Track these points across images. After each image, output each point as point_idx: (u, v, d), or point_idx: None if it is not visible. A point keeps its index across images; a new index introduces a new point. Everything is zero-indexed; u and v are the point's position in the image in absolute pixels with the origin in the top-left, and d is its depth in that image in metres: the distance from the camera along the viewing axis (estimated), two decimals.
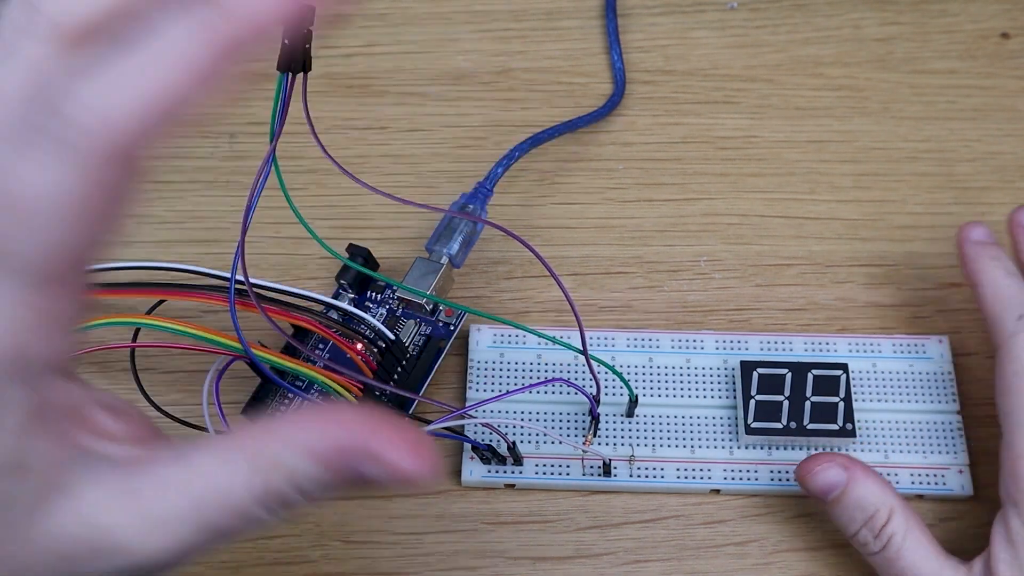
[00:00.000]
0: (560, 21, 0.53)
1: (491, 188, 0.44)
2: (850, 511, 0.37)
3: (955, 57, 0.52)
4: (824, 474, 0.38)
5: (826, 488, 0.37)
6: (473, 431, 0.40)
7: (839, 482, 0.37)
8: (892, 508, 0.37)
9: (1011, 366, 0.37)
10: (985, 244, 0.41)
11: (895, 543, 0.36)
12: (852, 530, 0.37)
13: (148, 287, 0.39)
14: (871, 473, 0.38)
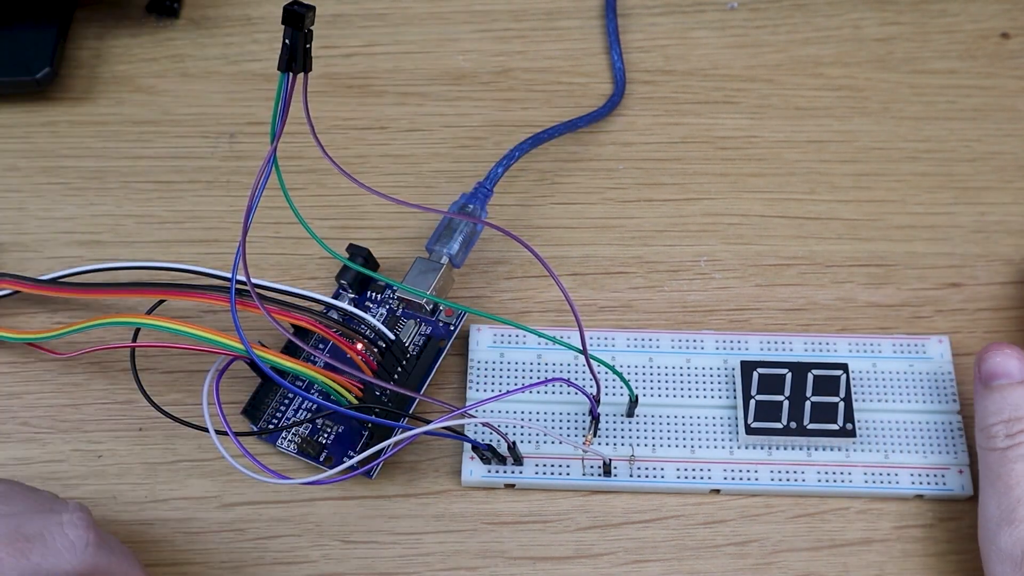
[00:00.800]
0: (560, 21, 0.53)
1: (491, 188, 0.44)
2: (999, 403, 0.37)
3: (955, 57, 0.52)
4: (1009, 361, 0.38)
5: (996, 373, 0.38)
6: (473, 431, 0.40)
7: (1013, 375, 0.38)
8: None
9: None
10: None
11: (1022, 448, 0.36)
12: (990, 419, 0.37)
13: (148, 287, 0.39)
14: None
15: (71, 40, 0.51)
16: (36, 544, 0.31)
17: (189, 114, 0.49)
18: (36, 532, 0.31)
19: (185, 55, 0.51)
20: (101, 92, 0.50)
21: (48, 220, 0.46)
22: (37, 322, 0.43)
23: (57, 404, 0.42)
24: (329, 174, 0.47)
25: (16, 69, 0.48)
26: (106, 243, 0.45)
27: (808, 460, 0.40)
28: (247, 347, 0.35)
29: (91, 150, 0.48)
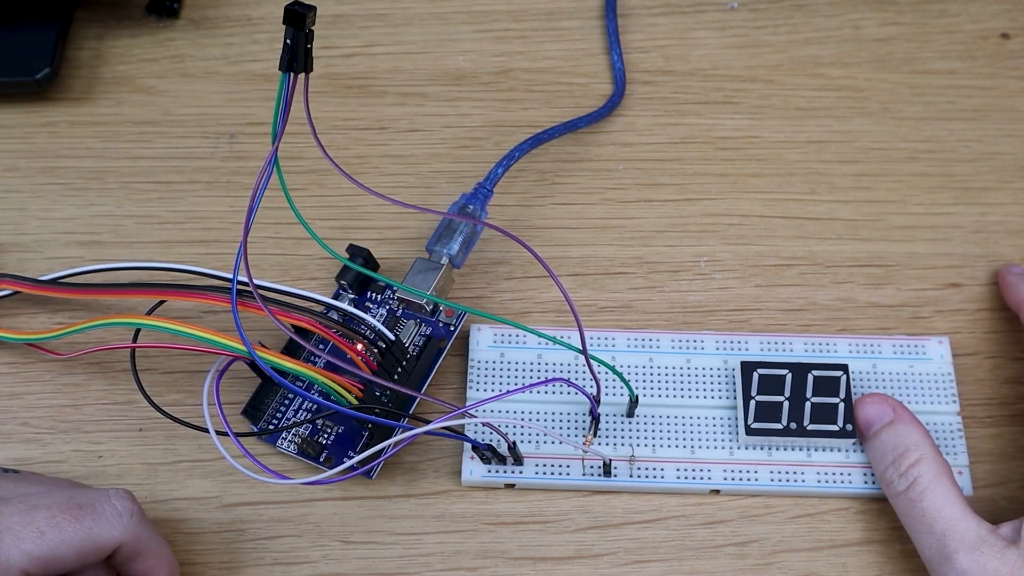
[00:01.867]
0: (560, 21, 0.53)
1: (491, 188, 0.44)
2: (884, 447, 0.38)
3: (955, 57, 0.52)
4: (875, 406, 0.39)
5: (872, 419, 0.39)
6: (473, 431, 0.40)
7: (885, 417, 0.39)
8: (925, 454, 0.37)
9: None
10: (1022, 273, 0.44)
11: (920, 484, 0.37)
12: (881, 467, 0.38)
13: (148, 287, 0.39)
14: (916, 422, 0.39)
15: (71, 40, 0.51)
16: (88, 511, 0.34)
17: (189, 114, 0.49)
18: (88, 502, 0.34)
19: (185, 55, 0.51)
20: (101, 92, 0.50)
21: (48, 220, 0.46)
22: (37, 322, 0.43)
23: (57, 404, 0.42)
24: (329, 174, 0.47)
25: (16, 69, 0.48)
26: (106, 243, 0.45)
27: (808, 461, 0.40)
28: (248, 347, 0.35)
29: (91, 150, 0.48)
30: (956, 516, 0.36)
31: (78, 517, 0.34)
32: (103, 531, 0.34)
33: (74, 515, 0.34)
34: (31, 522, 0.33)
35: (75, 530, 0.33)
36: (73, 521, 0.33)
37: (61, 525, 0.33)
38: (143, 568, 0.36)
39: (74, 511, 0.34)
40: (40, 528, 0.33)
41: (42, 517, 0.33)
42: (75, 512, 0.34)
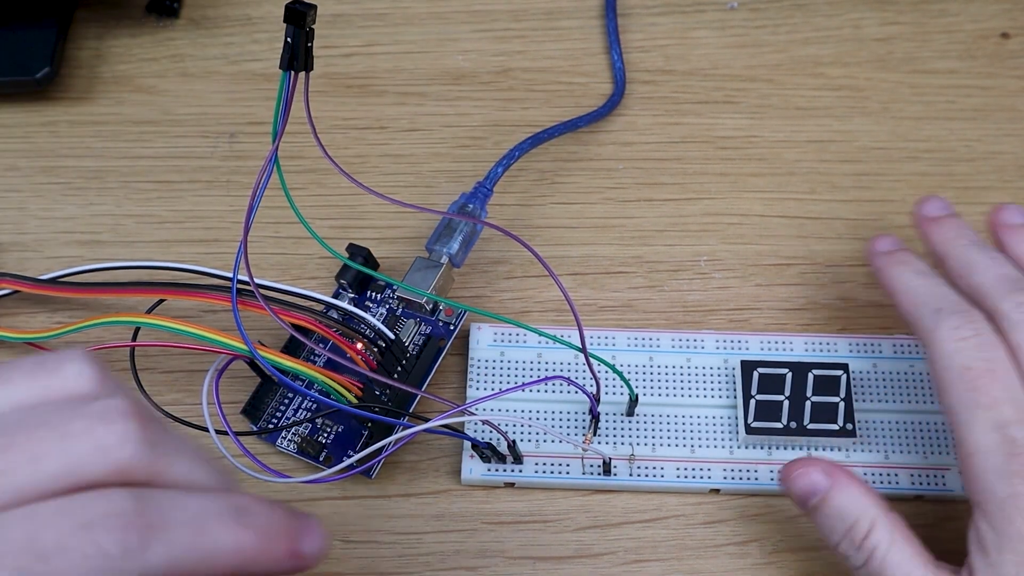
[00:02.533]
0: (560, 21, 0.53)
1: (491, 188, 0.44)
2: (831, 520, 0.36)
3: (955, 57, 0.52)
4: (805, 478, 0.36)
5: (807, 493, 0.36)
6: (473, 429, 0.40)
7: (820, 487, 0.36)
8: (874, 519, 0.35)
9: (939, 362, 0.36)
10: (891, 252, 0.40)
11: (878, 556, 0.34)
12: (834, 540, 0.36)
13: (148, 286, 0.39)
14: (855, 480, 0.36)
15: (71, 40, 0.51)
16: None
17: (189, 114, 0.49)
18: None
19: (185, 55, 0.51)
20: (101, 92, 0.50)
21: (48, 220, 0.46)
22: (37, 322, 0.43)
23: None
24: (329, 174, 0.47)
25: (16, 69, 0.48)
26: (106, 243, 0.45)
27: None
28: (249, 346, 0.36)
29: (91, 150, 0.48)
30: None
31: None
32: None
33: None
34: None
35: None
36: None
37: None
38: None
39: None
40: None
41: None
42: None
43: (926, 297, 0.37)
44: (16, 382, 0.24)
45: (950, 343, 0.35)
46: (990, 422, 0.34)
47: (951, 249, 0.39)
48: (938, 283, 0.38)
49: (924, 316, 0.37)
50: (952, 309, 0.36)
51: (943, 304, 0.37)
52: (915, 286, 0.38)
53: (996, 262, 0.38)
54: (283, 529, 0.25)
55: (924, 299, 0.37)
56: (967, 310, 0.36)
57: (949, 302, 0.37)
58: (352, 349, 0.37)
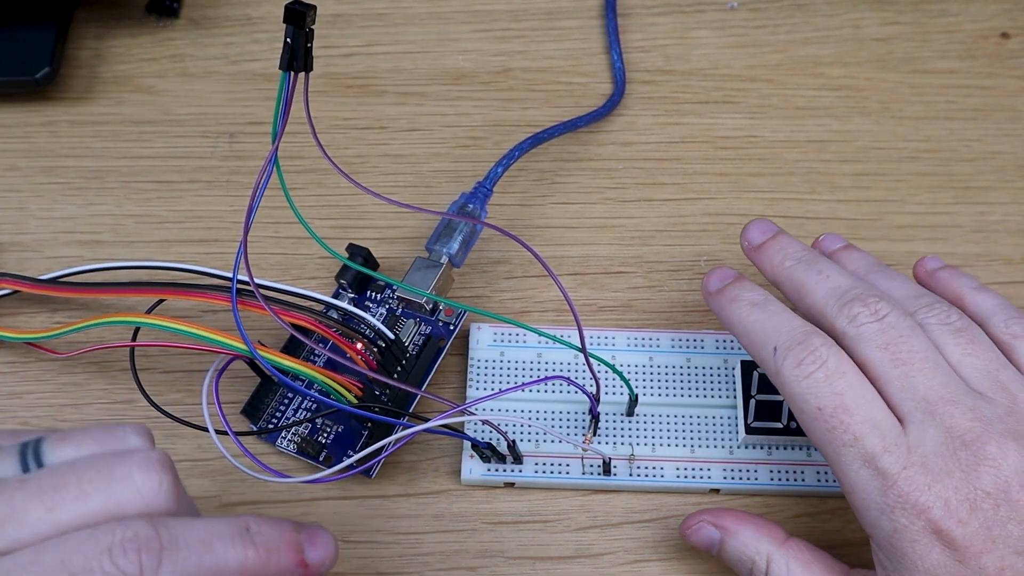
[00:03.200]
0: (560, 21, 0.53)
1: (491, 188, 0.44)
2: (734, 565, 0.37)
3: (955, 57, 0.52)
4: (697, 534, 0.37)
5: (706, 545, 0.37)
6: (473, 429, 0.40)
7: (714, 539, 0.37)
8: (768, 555, 0.35)
9: (792, 404, 0.34)
10: (722, 289, 0.37)
11: None
12: None
13: (148, 286, 0.39)
14: (744, 521, 0.36)
15: (71, 40, 0.51)
16: None
17: (189, 114, 0.49)
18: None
19: (185, 55, 0.51)
20: (101, 92, 0.50)
21: (48, 220, 0.46)
22: (37, 322, 0.43)
23: (57, 404, 0.42)
24: (329, 174, 0.47)
25: (16, 69, 0.48)
26: (106, 243, 0.45)
27: (808, 460, 0.40)
28: (249, 346, 0.36)
29: (91, 150, 0.48)
30: None
31: None
32: None
33: None
34: None
35: None
36: None
37: None
38: None
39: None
40: None
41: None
42: None
43: (762, 335, 0.35)
44: (86, 446, 0.27)
45: (796, 383, 0.33)
46: (858, 459, 0.32)
47: (779, 273, 0.37)
48: (773, 312, 0.36)
49: (765, 359, 0.35)
50: (788, 344, 0.34)
51: (779, 340, 0.34)
52: (750, 324, 0.36)
53: (823, 276, 0.36)
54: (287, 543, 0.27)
55: (760, 338, 0.35)
56: (804, 340, 0.34)
57: (785, 336, 0.34)
58: (352, 349, 0.37)
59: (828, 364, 0.33)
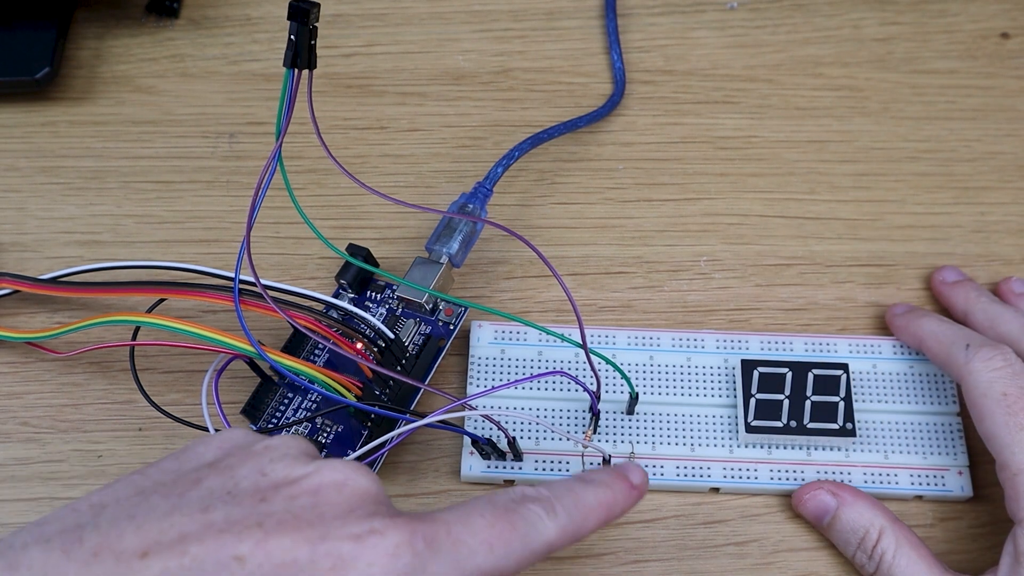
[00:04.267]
0: (560, 21, 0.53)
1: (491, 188, 0.44)
2: (844, 535, 0.38)
3: (955, 57, 0.52)
4: (814, 500, 0.39)
5: (819, 514, 0.39)
6: (473, 426, 0.40)
7: (830, 507, 0.39)
8: (882, 527, 0.38)
9: (976, 391, 0.38)
10: (910, 311, 0.43)
11: (886, 561, 0.37)
12: (849, 553, 0.39)
13: (148, 286, 0.39)
14: (860, 495, 0.39)
15: (71, 40, 0.51)
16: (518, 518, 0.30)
17: (189, 114, 0.49)
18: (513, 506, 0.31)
19: (185, 55, 0.51)
20: (101, 92, 0.50)
21: (48, 220, 0.46)
22: (37, 322, 0.43)
23: (57, 404, 0.42)
24: (329, 174, 0.47)
25: (16, 69, 0.48)
26: (106, 243, 0.45)
27: (808, 460, 0.40)
28: (255, 345, 0.36)
29: (91, 150, 0.48)
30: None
31: (514, 524, 0.30)
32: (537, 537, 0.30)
33: (510, 522, 0.30)
34: (475, 532, 0.29)
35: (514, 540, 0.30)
36: (511, 529, 0.30)
37: (503, 536, 0.29)
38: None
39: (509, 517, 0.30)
40: (488, 540, 0.29)
41: (483, 526, 0.29)
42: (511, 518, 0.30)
43: (954, 337, 0.40)
44: None
45: (985, 373, 0.38)
46: None
47: (974, 306, 0.43)
48: (962, 326, 0.41)
49: (956, 353, 0.39)
50: (981, 343, 0.39)
51: (972, 340, 0.39)
52: (941, 330, 0.41)
53: (1019, 314, 0.42)
54: (615, 476, 0.33)
55: (953, 338, 0.40)
56: (996, 344, 0.39)
57: (978, 338, 0.40)
58: (352, 349, 0.37)
59: (1015, 365, 0.38)
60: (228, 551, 0.27)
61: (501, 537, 0.29)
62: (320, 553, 0.27)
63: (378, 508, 0.29)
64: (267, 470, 0.29)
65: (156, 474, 0.30)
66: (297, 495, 0.29)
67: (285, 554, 0.27)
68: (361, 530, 0.28)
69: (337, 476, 0.29)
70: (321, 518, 0.28)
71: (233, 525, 0.27)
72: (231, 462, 0.30)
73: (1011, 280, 0.45)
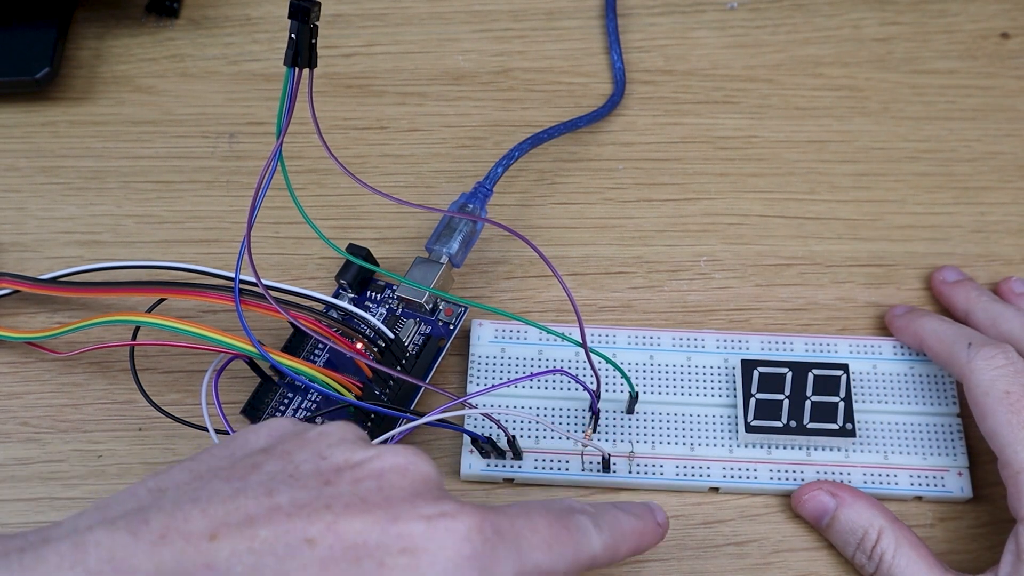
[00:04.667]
0: (560, 21, 0.53)
1: (491, 188, 0.44)
2: (843, 535, 0.38)
3: (955, 57, 0.52)
4: (813, 501, 0.39)
5: (818, 514, 0.39)
6: (473, 424, 0.40)
7: (829, 507, 0.39)
8: (881, 528, 0.38)
9: (978, 389, 0.38)
10: (910, 311, 0.43)
11: (886, 561, 0.37)
12: (848, 554, 0.39)
13: (148, 286, 0.39)
14: (859, 495, 0.39)
15: (71, 40, 0.51)
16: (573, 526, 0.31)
17: (189, 114, 0.49)
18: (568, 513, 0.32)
19: (185, 55, 0.51)
20: (101, 92, 0.50)
21: (48, 220, 0.46)
22: (37, 322, 0.43)
23: (57, 404, 0.42)
24: (329, 174, 0.47)
25: (16, 69, 0.48)
26: (106, 243, 0.45)
27: (808, 460, 0.40)
28: (257, 345, 0.36)
29: (91, 150, 0.48)
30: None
31: (569, 530, 0.31)
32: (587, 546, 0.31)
33: (566, 527, 0.31)
34: (537, 530, 0.30)
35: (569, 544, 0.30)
36: (567, 534, 0.30)
37: (560, 538, 0.30)
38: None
39: (565, 522, 0.31)
40: (547, 540, 0.30)
41: (543, 525, 0.30)
42: (567, 523, 0.31)
43: (956, 336, 0.40)
44: None
45: (988, 371, 0.38)
46: None
47: (975, 305, 0.43)
48: (963, 326, 0.41)
49: (958, 351, 0.39)
50: (983, 342, 0.39)
51: (973, 339, 0.39)
52: (943, 329, 0.41)
53: (1020, 313, 0.42)
54: (647, 510, 0.34)
55: (954, 337, 0.40)
56: (998, 342, 0.39)
57: (979, 337, 0.40)
58: (352, 348, 0.37)
59: (1017, 364, 0.38)
60: (298, 534, 0.27)
61: (558, 539, 0.30)
62: (392, 535, 0.27)
63: (443, 493, 0.29)
64: (326, 454, 0.29)
65: (210, 459, 0.30)
66: (361, 478, 0.29)
67: (356, 536, 0.27)
68: (432, 512, 0.28)
69: (400, 460, 0.29)
70: (388, 501, 0.28)
71: (301, 508, 0.27)
72: (287, 447, 0.30)
73: (1011, 280, 0.45)
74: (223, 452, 0.30)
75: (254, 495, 0.28)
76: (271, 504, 0.27)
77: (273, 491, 0.28)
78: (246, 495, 0.28)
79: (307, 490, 0.28)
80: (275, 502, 0.27)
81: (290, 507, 0.27)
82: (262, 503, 0.27)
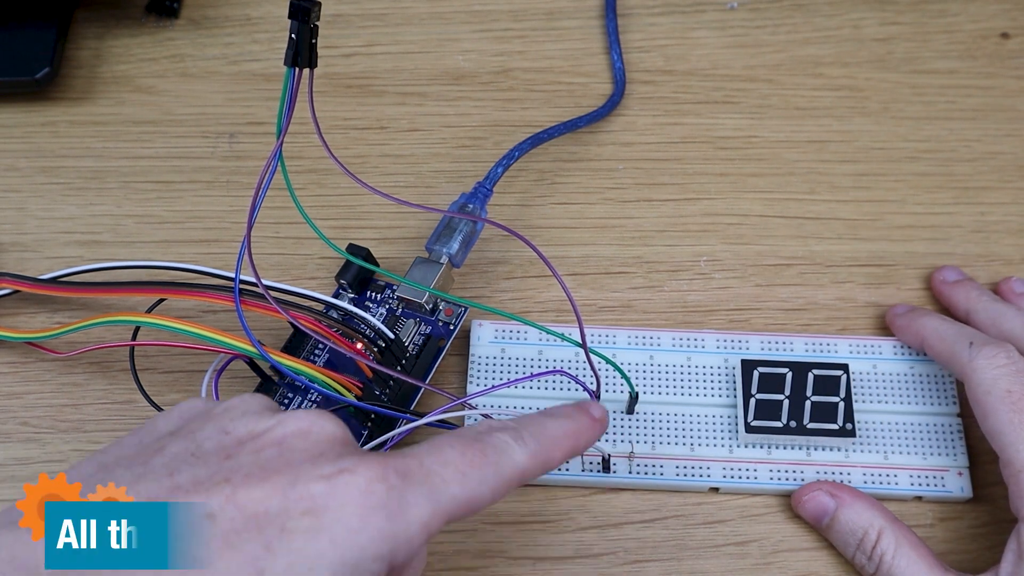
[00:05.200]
0: (560, 21, 0.53)
1: (491, 188, 0.44)
2: (843, 535, 0.38)
3: (955, 57, 0.52)
4: (813, 501, 0.39)
5: (818, 514, 0.39)
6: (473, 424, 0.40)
7: (829, 507, 0.39)
8: (881, 528, 0.38)
9: (980, 388, 0.38)
10: (911, 310, 0.43)
11: (886, 561, 0.37)
12: (848, 554, 0.39)
13: (148, 286, 0.39)
14: (859, 496, 0.39)
15: (71, 40, 0.51)
16: (489, 446, 0.30)
17: (189, 114, 0.49)
18: (483, 435, 0.31)
19: (185, 55, 0.51)
20: (101, 92, 0.50)
21: (48, 220, 0.46)
22: (37, 322, 0.43)
23: (57, 404, 0.42)
24: (329, 174, 0.47)
25: (16, 69, 0.48)
26: (106, 243, 0.45)
27: (808, 460, 0.40)
28: (257, 346, 0.36)
29: (91, 150, 0.48)
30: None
31: (484, 452, 0.30)
32: (508, 463, 0.30)
33: (481, 451, 0.30)
34: (447, 463, 0.29)
35: (486, 467, 0.30)
36: (481, 457, 0.30)
37: (475, 463, 0.29)
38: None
39: (479, 446, 0.30)
40: (460, 469, 0.29)
41: (454, 456, 0.29)
42: (480, 447, 0.30)
43: (957, 335, 0.40)
44: None
45: (989, 370, 0.38)
46: None
47: (976, 304, 0.43)
48: (964, 325, 0.42)
49: (959, 350, 0.39)
50: (984, 341, 0.39)
51: (975, 338, 0.39)
52: (944, 328, 0.41)
53: (1021, 313, 0.42)
54: (578, 409, 0.34)
55: (956, 336, 0.40)
56: (1000, 342, 0.39)
57: (981, 336, 0.40)
58: (352, 348, 0.37)
59: (1018, 363, 0.38)
60: (198, 510, 0.27)
61: (473, 465, 0.29)
62: (292, 498, 0.27)
63: (346, 450, 0.29)
64: (229, 428, 0.29)
65: (117, 450, 0.30)
66: (262, 447, 0.28)
67: (257, 505, 0.27)
68: (331, 470, 0.27)
69: (302, 424, 0.29)
70: (289, 465, 0.28)
71: (199, 484, 0.27)
72: (192, 427, 0.30)
73: (1011, 280, 0.44)
74: (132, 440, 0.30)
75: (155, 478, 0.28)
76: (171, 484, 0.27)
77: (174, 471, 0.28)
78: (147, 479, 0.28)
79: (207, 467, 0.28)
80: (175, 482, 0.27)
81: (189, 485, 0.27)
82: (163, 484, 0.27)
